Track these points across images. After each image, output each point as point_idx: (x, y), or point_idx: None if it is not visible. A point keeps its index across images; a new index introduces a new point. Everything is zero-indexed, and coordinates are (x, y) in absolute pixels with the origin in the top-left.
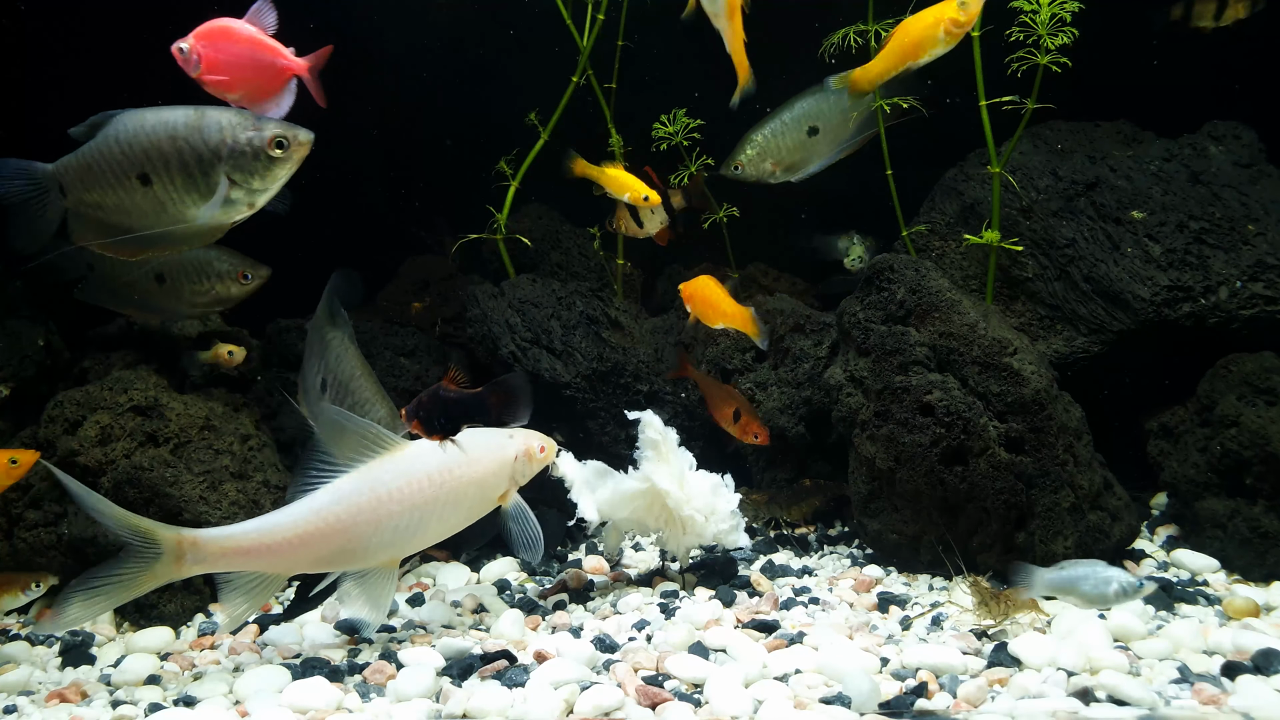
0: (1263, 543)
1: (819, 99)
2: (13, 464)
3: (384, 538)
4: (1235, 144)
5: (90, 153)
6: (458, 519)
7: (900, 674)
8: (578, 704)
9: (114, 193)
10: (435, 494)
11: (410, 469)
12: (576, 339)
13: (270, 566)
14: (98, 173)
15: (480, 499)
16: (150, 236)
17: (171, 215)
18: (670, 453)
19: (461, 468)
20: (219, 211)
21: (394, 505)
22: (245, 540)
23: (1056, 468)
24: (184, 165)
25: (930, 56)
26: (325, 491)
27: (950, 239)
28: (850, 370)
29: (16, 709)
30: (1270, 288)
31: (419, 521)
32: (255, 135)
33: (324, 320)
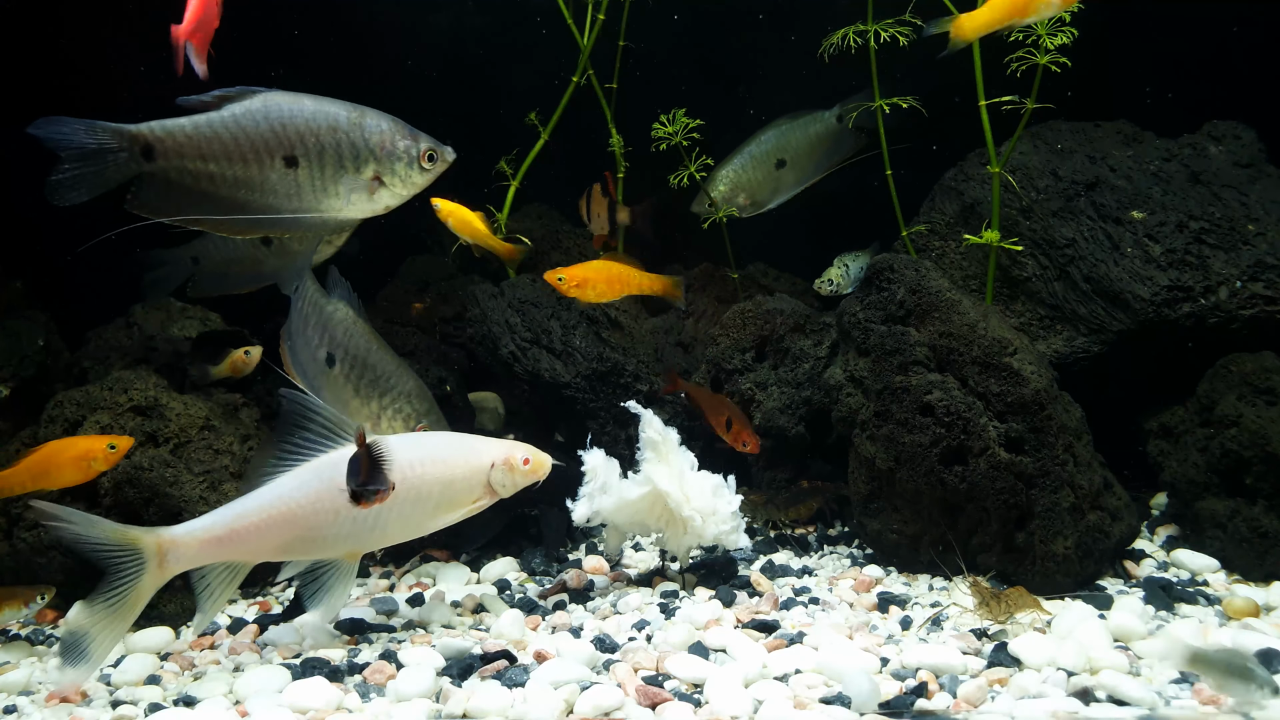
0: (1263, 543)
1: (785, 131)
2: (111, 449)
3: (344, 528)
4: (1235, 144)
5: (217, 122)
6: (421, 517)
7: (900, 674)
8: (578, 704)
9: (245, 167)
10: (397, 489)
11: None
12: (576, 339)
13: (242, 555)
14: (227, 144)
15: (448, 500)
16: (283, 220)
17: (305, 201)
18: (671, 453)
19: (426, 466)
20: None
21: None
22: (219, 530)
23: (1056, 468)
24: (339, 157)
25: (1037, 16)
26: (288, 477)
27: (950, 239)
28: (850, 370)
29: (16, 709)
30: (1270, 288)
31: (378, 514)
32: (412, 144)
33: (317, 294)
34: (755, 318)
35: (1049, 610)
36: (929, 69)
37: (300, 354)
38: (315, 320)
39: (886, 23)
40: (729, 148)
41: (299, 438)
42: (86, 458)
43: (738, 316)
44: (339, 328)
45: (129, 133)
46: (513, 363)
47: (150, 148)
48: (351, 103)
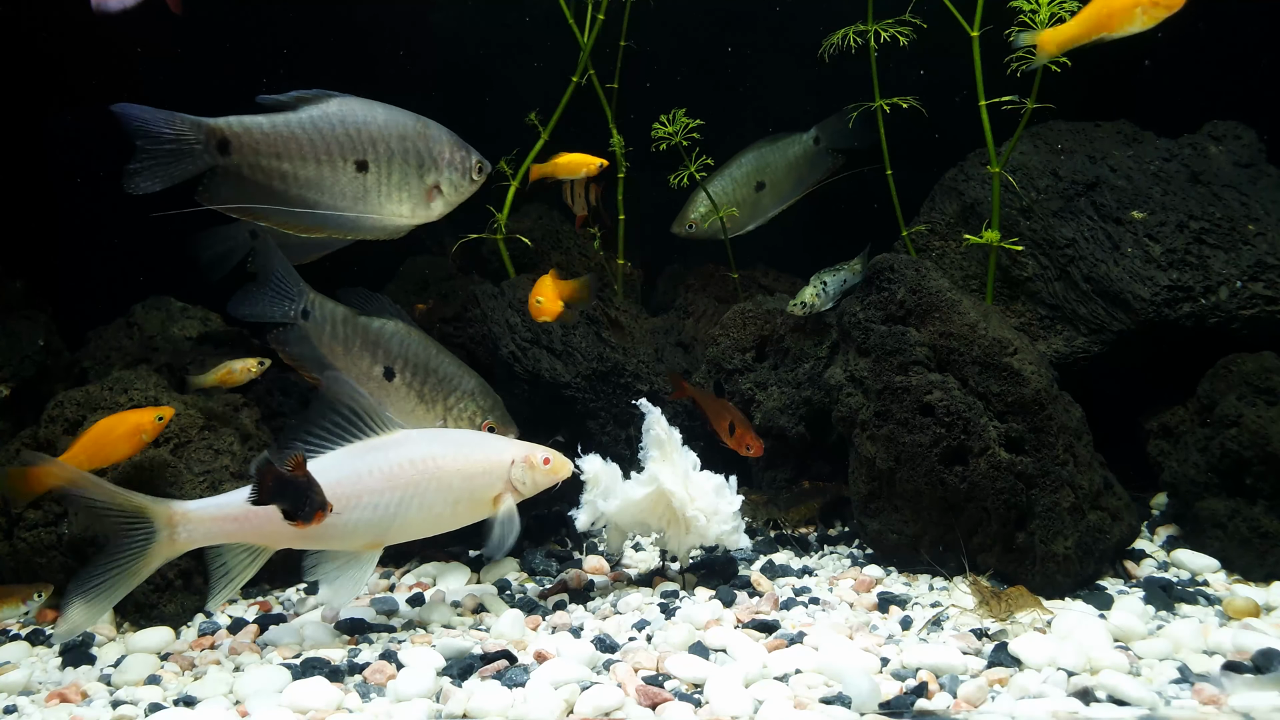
0: (1263, 543)
1: (764, 153)
2: (159, 420)
3: (363, 516)
4: (1235, 144)
5: (295, 123)
6: (443, 511)
7: (900, 674)
8: (578, 704)
9: (318, 168)
10: (416, 478)
11: (395, 451)
12: (576, 339)
13: (258, 538)
14: (300, 144)
15: (468, 494)
16: (344, 221)
17: (369, 204)
18: (675, 452)
19: (448, 459)
20: (413, 215)
21: (373, 482)
22: (234, 510)
23: (1056, 468)
24: (405, 164)
25: (1125, 31)
26: (313, 463)
27: (950, 239)
28: (850, 370)
29: (16, 709)
30: (1270, 288)
31: (398, 504)
32: (466, 156)
33: (352, 315)
34: (755, 318)
35: (1050, 609)
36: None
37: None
38: (361, 341)
39: (887, 23)
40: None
41: (330, 422)
42: (137, 431)
43: (738, 316)
44: (393, 341)
45: (207, 126)
46: (513, 363)
47: (227, 142)
48: (414, 113)
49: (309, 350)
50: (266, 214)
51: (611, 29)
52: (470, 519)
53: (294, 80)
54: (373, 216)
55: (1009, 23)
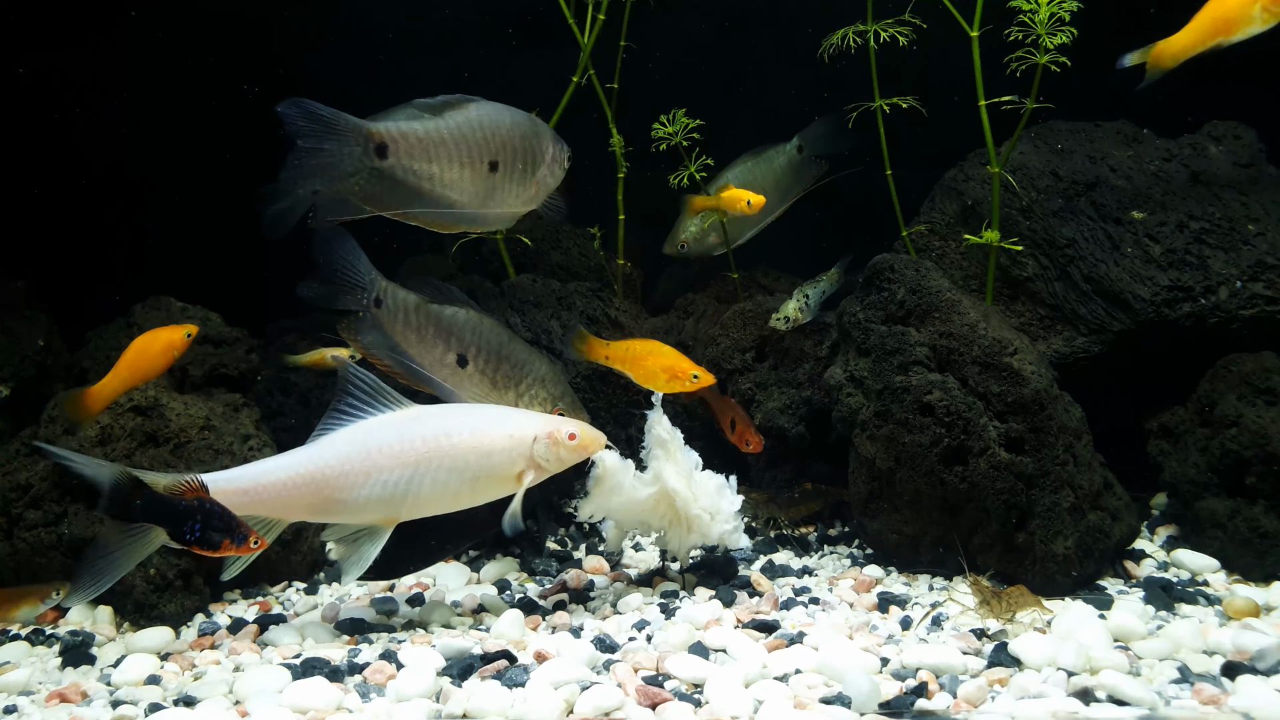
0: (1263, 543)
1: (750, 167)
2: (188, 337)
3: (374, 492)
4: (1235, 144)
5: (444, 128)
6: (459, 487)
7: (900, 674)
8: (578, 704)
9: (460, 169)
10: (429, 454)
11: (407, 427)
12: None
13: (269, 511)
14: (449, 147)
15: (487, 470)
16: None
17: (494, 200)
18: (678, 451)
19: (464, 434)
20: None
21: (384, 459)
22: (243, 483)
23: (1056, 468)
24: (524, 162)
25: (1243, 35)
26: (323, 440)
27: (950, 239)
28: (850, 370)
29: (16, 709)
30: (1270, 288)
31: (410, 480)
32: (560, 149)
33: (424, 303)
34: (755, 318)
35: (1050, 609)
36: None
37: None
38: (434, 329)
39: (887, 22)
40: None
41: (345, 404)
42: (169, 347)
43: (738, 316)
44: (466, 328)
45: (367, 130)
46: None
47: (385, 146)
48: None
49: (381, 339)
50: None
51: (612, 29)
52: (494, 495)
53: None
54: (495, 211)
55: (1009, 22)
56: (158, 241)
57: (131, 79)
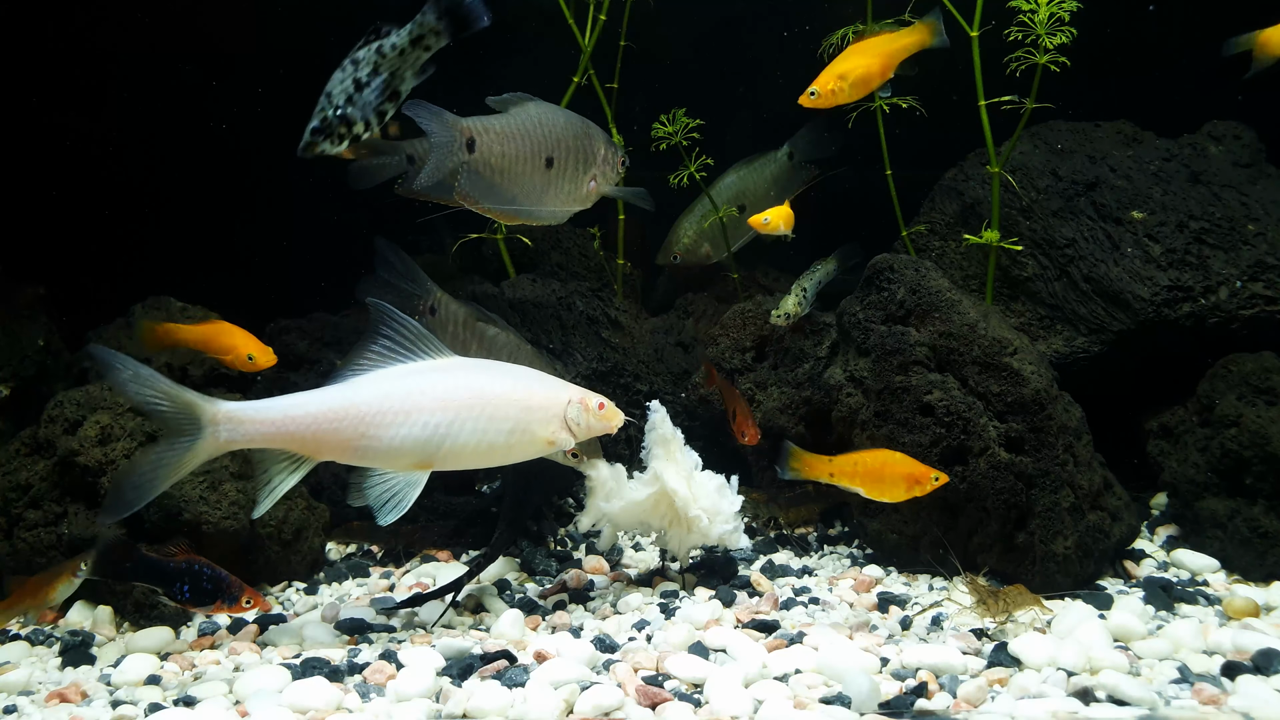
0: (1263, 543)
1: (743, 176)
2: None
3: (411, 433)
4: (1235, 144)
5: (512, 124)
6: (499, 439)
7: (900, 674)
8: (578, 704)
9: (521, 164)
10: (471, 401)
11: (452, 373)
12: (576, 339)
13: (300, 446)
14: (516, 143)
15: (524, 427)
16: (529, 211)
17: (550, 198)
18: (678, 451)
19: (505, 387)
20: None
21: (425, 400)
22: (273, 413)
23: (1056, 468)
24: (576, 160)
25: None
26: (363, 376)
27: (950, 239)
28: (850, 370)
29: (16, 709)
30: (1270, 288)
31: (450, 425)
32: (615, 150)
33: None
34: (755, 318)
35: (1049, 608)
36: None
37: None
38: (477, 344)
39: (886, 22)
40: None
41: (383, 344)
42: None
43: (738, 316)
44: (504, 351)
45: (463, 125)
46: None
47: (473, 141)
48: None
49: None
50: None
51: (611, 29)
52: (524, 456)
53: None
54: (550, 208)
55: (1009, 22)
56: (158, 241)
57: (130, 79)
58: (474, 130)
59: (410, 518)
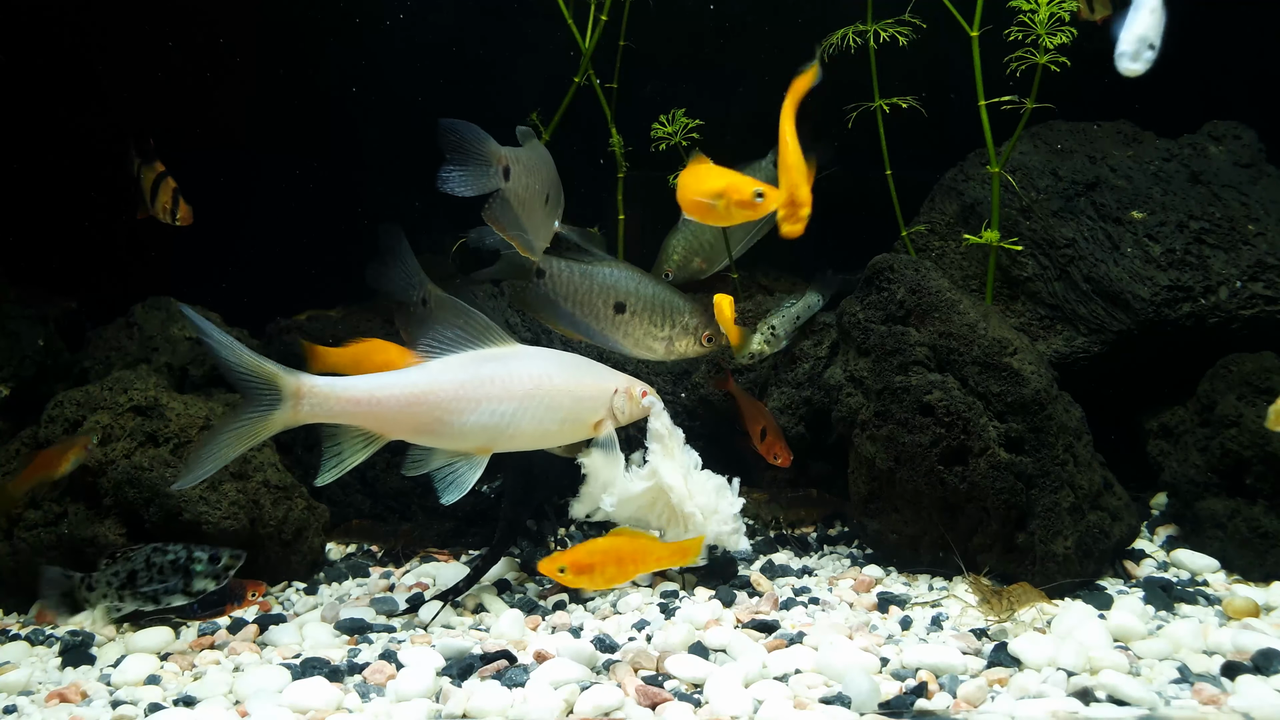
0: (1263, 543)
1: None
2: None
3: (480, 419)
4: (1235, 144)
5: (526, 157)
6: (553, 426)
7: (900, 674)
8: (578, 704)
9: (533, 193)
10: (533, 390)
11: (514, 363)
12: None
13: (376, 424)
14: (532, 173)
15: (575, 415)
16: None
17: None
18: (676, 448)
19: (561, 378)
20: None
21: (494, 388)
22: (358, 392)
23: (1056, 468)
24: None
25: None
26: (438, 363)
27: (950, 239)
28: (850, 370)
29: (16, 709)
30: (1270, 288)
31: (514, 413)
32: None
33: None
34: (755, 318)
35: (1055, 603)
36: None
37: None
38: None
39: (886, 22)
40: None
41: (451, 333)
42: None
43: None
44: (622, 281)
45: (499, 152)
46: None
47: (508, 170)
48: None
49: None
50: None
51: (611, 29)
52: (572, 439)
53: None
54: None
55: (1008, 22)
56: (157, 241)
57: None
58: (509, 158)
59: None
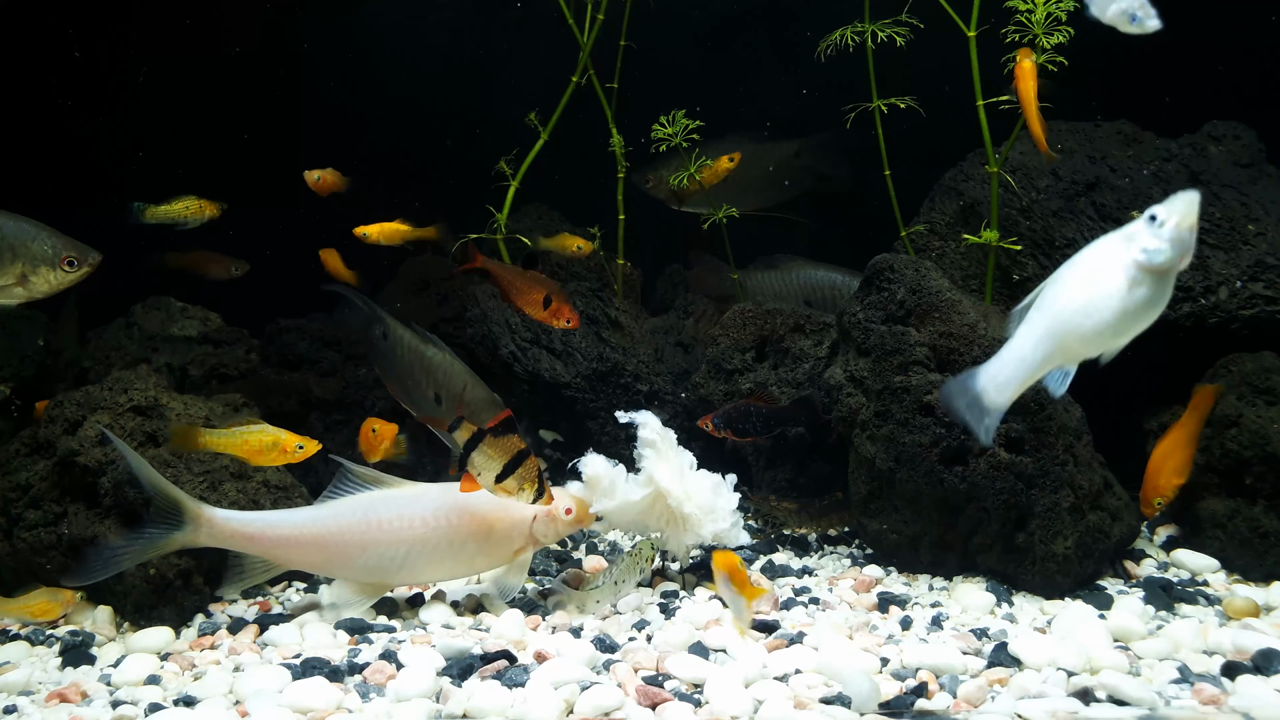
0: (1263, 543)
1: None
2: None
3: (370, 561)
4: (1235, 144)
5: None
6: (456, 565)
7: (900, 674)
8: (578, 704)
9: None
10: (426, 535)
11: (406, 508)
12: (576, 339)
13: (271, 557)
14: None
15: (483, 552)
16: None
17: None
18: (669, 451)
19: (465, 517)
20: None
21: (380, 535)
22: (252, 528)
23: (1056, 468)
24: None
25: None
26: (332, 504)
27: (950, 239)
28: (850, 370)
29: (16, 709)
30: (1270, 288)
31: (406, 556)
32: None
33: (417, 341)
34: (755, 318)
35: (1048, 610)
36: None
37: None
38: (419, 366)
39: (884, 22)
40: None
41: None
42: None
43: (738, 316)
44: (440, 372)
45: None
46: (513, 363)
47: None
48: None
49: (383, 364)
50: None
51: (611, 29)
52: (490, 568)
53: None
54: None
55: (1007, 21)
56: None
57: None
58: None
59: None
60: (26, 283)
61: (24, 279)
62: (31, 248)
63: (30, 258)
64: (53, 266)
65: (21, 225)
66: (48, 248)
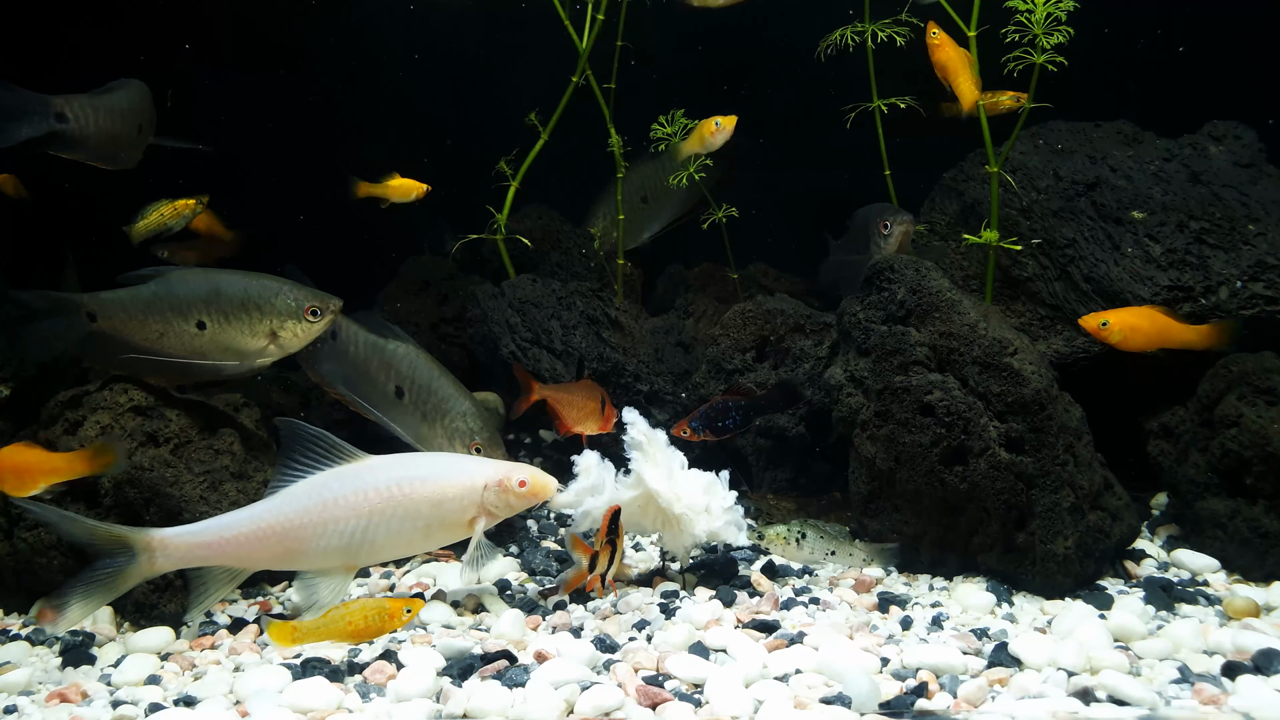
0: (1263, 543)
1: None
2: (407, 612)
3: (330, 542)
4: (1235, 144)
5: (107, 98)
6: (413, 536)
7: (900, 674)
8: (578, 704)
9: (106, 135)
10: (383, 505)
11: (360, 480)
12: (576, 339)
13: (233, 561)
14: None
15: (439, 520)
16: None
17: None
18: (658, 452)
19: (416, 485)
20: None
21: (339, 511)
22: (207, 535)
23: (1057, 468)
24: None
25: None
26: (283, 493)
27: (950, 239)
28: (850, 370)
29: (17, 709)
30: (1270, 288)
31: (366, 529)
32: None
33: (376, 339)
34: (755, 318)
35: (1048, 610)
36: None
37: (364, 392)
38: (378, 361)
39: (884, 22)
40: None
41: (298, 459)
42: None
43: (738, 316)
44: (404, 364)
45: (47, 99)
46: (513, 363)
47: (62, 114)
48: None
49: (335, 368)
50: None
51: (610, 29)
52: (448, 540)
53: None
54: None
55: (1006, 21)
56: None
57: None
58: (63, 104)
59: None
60: (276, 339)
61: (274, 336)
62: (275, 304)
63: (276, 314)
64: (298, 319)
65: (263, 283)
66: (291, 301)
